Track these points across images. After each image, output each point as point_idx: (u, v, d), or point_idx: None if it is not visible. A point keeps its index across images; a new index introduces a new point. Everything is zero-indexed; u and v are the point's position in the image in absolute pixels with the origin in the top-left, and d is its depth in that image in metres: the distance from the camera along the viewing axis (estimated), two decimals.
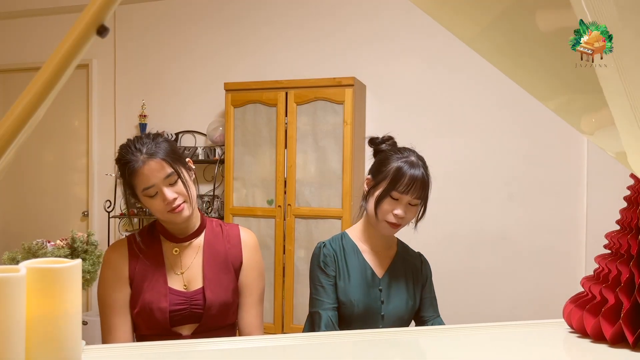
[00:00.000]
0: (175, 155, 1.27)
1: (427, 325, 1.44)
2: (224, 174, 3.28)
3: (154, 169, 1.21)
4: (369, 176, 1.43)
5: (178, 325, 1.27)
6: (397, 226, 1.36)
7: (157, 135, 1.29)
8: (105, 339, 1.28)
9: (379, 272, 1.42)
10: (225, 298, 1.30)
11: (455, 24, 0.68)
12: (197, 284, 1.30)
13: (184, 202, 1.25)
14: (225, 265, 1.33)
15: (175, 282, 1.29)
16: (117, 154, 1.28)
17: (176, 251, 1.32)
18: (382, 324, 1.38)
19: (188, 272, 1.31)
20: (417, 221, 1.43)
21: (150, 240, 1.33)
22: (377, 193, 1.36)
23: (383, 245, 1.46)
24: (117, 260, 1.29)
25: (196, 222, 1.35)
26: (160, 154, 1.23)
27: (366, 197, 1.42)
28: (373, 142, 1.49)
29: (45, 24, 4.02)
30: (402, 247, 1.51)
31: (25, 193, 4.12)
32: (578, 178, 3.00)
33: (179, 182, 1.25)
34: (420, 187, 1.33)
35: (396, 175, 1.33)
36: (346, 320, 1.37)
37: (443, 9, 0.67)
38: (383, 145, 1.46)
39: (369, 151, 1.52)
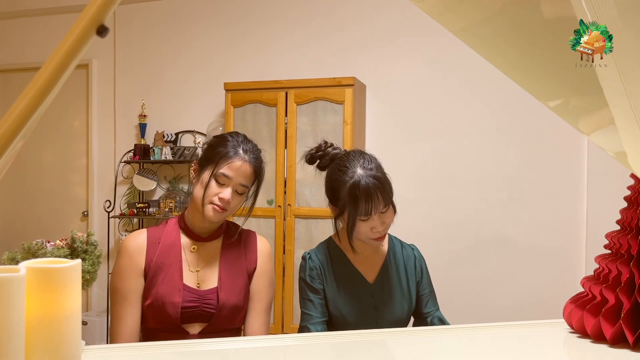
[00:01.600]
0: (261, 178, 1.35)
1: (427, 321, 1.40)
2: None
3: (243, 171, 1.28)
4: (329, 204, 1.35)
5: (188, 322, 1.27)
6: (382, 237, 1.31)
7: (262, 156, 1.35)
8: (113, 327, 1.29)
9: (370, 278, 1.37)
10: (237, 301, 1.30)
11: (454, 21, 0.68)
12: (211, 283, 1.31)
13: (226, 210, 1.28)
14: (240, 269, 1.34)
15: (189, 279, 1.30)
16: (230, 132, 1.34)
17: (194, 248, 1.33)
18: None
19: (203, 270, 1.32)
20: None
21: (171, 234, 1.34)
22: (346, 222, 1.29)
23: (371, 248, 1.39)
24: (134, 250, 1.30)
25: (219, 225, 1.36)
26: (256, 168, 1.31)
27: (336, 222, 1.37)
28: (312, 160, 1.41)
29: (45, 24, 4.02)
30: (392, 244, 1.44)
31: (25, 193, 4.12)
32: (578, 178, 3.00)
33: (243, 196, 1.32)
34: (380, 196, 1.24)
35: (354, 202, 1.24)
36: (339, 330, 1.33)
37: (441, 5, 0.67)
38: (325, 157, 1.38)
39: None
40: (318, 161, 1.41)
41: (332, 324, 1.35)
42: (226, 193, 1.26)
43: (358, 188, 1.23)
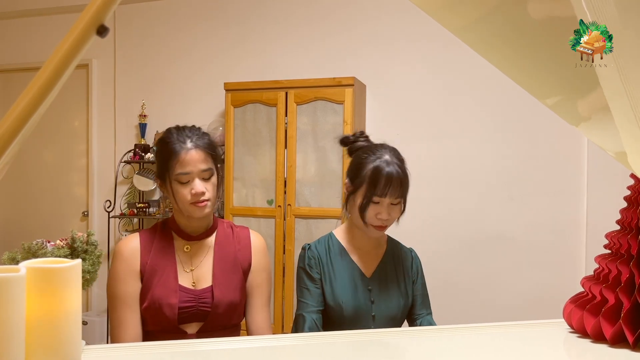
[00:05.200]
0: (217, 154, 1.33)
1: (416, 323, 1.42)
2: (224, 174, 3.28)
3: (196, 159, 1.26)
4: (347, 180, 1.39)
5: (185, 322, 1.28)
6: (384, 227, 1.35)
7: (204, 133, 1.34)
8: (114, 333, 1.28)
9: (368, 272, 1.39)
10: (232, 298, 1.31)
11: (452, 20, 0.68)
12: (206, 282, 1.31)
13: (208, 199, 1.28)
14: (234, 266, 1.35)
15: (184, 279, 1.30)
16: (162, 134, 1.33)
17: (187, 248, 1.34)
18: (373, 325, 1.35)
19: (197, 270, 1.32)
20: (398, 218, 1.40)
21: (163, 236, 1.34)
22: (358, 200, 1.33)
23: (371, 245, 1.43)
24: (129, 254, 1.30)
25: (209, 222, 1.37)
26: (206, 147, 1.29)
27: (347, 202, 1.39)
28: (346, 141, 1.46)
29: (45, 24, 4.02)
30: (391, 244, 1.47)
31: (25, 193, 4.11)
32: (578, 178, 3.00)
33: (212, 179, 1.30)
34: (398, 186, 1.31)
35: (373, 179, 1.30)
36: (336, 322, 1.34)
37: (439, 4, 0.67)
38: (357, 143, 1.43)
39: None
40: (350, 145, 1.45)
41: (329, 316, 1.35)
42: (197, 186, 1.26)
43: (382, 169, 1.30)
